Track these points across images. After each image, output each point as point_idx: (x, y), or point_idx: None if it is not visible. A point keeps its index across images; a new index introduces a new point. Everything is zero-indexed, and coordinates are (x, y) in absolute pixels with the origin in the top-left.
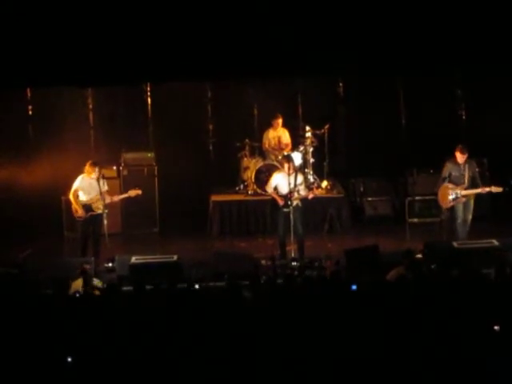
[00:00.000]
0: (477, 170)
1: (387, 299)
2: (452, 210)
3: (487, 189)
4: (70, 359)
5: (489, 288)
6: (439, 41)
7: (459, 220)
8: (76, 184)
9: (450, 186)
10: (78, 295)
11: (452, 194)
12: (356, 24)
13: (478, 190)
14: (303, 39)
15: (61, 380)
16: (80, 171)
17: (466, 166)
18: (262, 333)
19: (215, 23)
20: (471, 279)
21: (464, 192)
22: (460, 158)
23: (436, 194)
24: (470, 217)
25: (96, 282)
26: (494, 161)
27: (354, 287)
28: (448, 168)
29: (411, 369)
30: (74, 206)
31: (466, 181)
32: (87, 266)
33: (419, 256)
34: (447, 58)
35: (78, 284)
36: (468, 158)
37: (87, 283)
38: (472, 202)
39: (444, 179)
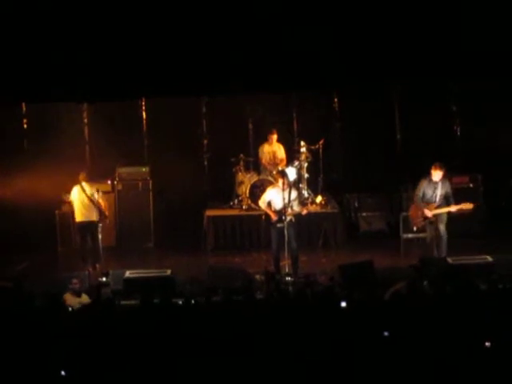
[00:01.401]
0: (450, 189)
1: (382, 315)
2: (423, 229)
3: (458, 206)
4: (63, 373)
5: (483, 303)
6: (435, 55)
7: (428, 239)
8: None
9: (422, 205)
10: (70, 309)
11: (423, 214)
12: (352, 36)
13: (447, 209)
14: (298, 53)
15: None
16: (73, 185)
17: (440, 184)
18: (256, 347)
19: (211, 38)
20: (466, 294)
21: (434, 211)
22: (435, 175)
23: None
24: (441, 227)
25: (84, 297)
26: (489, 176)
27: (344, 304)
28: (422, 186)
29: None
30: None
31: (438, 199)
32: (75, 281)
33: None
34: (443, 72)
35: (67, 298)
36: (444, 176)
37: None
38: (444, 215)
39: (418, 198)
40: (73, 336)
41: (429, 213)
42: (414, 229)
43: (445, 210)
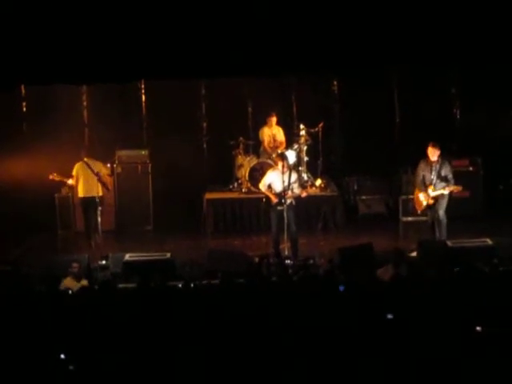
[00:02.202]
0: (450, 171)
1: (382, 298)
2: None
3: (449, 189)
4: (63, 356)
5: (484, 286)
6: (435, 38)
7: (429, 222)
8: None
9: (422, 189)
10: (70, 292)
11: (423, 198)
12: (350, 20)
13: (442, 191)
14: (297, 36)
15: (54, 377)
16: (71, 167)
17: (438, 165)
18: (256, 331)
19: (210, 20)
20: (467, 277)
21: (432, 194)
22: (431, 153)
23: (413, 194)
24: (440, 213)
25: (83, 281)
26: (489, 160)
27: (342, 288)
28: (421, 168)
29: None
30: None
31: (434, 180)
32: (75, 265)
33: (414, 254)
34: (443, 55)
35: (67, 282)
36: (441, 157)
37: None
38: (445, 200)
39: (418, 181)
40: (72, 319)
41: (423, 197)
42: (418, 212)
43: (440, 192)
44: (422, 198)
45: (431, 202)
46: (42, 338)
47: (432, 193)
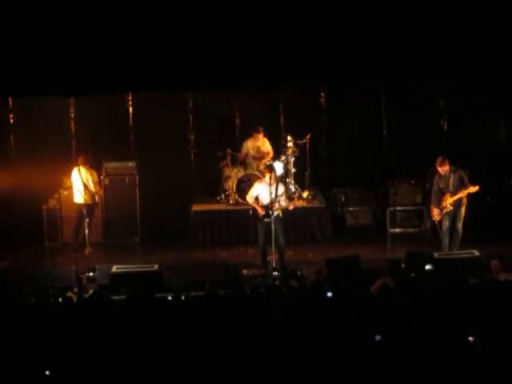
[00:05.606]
0: (463, 174)
1: (370, 309)
2: (440, 220)
3: (466, 191)
4: (48, 372)
5: (471, 297)
6: (422, 50)
7: (443, 229)
8: None
9: (440, 197)
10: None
11: (441, 205)
12: (339, 31)
13: (459, 195)
14: (285, 47)
15: None
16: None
17: (452, 174)
18: (244, 342)
19: (197, 33)
20: (454, 289)
21: (450, 200)
22: (441, 170)
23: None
24: (459, 225)
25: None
26: (475, 171)
27: (330, 294)
28: (436, 180)
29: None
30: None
31: (451, 188)
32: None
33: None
34: (430, 67)
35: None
36: (453, 166)
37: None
38: (462, 209)
39: (436, 192)
40: (60, 332)
41: (438, 213)
42: (436, 221)
43: (456, 197)
44: (441, 206)
45: (450, 208)
46: (30, 350)
47: (450, 198)
